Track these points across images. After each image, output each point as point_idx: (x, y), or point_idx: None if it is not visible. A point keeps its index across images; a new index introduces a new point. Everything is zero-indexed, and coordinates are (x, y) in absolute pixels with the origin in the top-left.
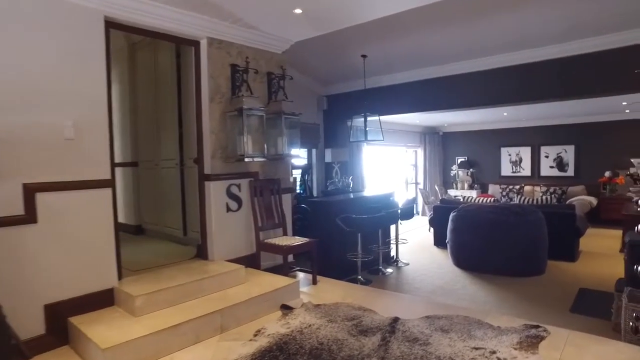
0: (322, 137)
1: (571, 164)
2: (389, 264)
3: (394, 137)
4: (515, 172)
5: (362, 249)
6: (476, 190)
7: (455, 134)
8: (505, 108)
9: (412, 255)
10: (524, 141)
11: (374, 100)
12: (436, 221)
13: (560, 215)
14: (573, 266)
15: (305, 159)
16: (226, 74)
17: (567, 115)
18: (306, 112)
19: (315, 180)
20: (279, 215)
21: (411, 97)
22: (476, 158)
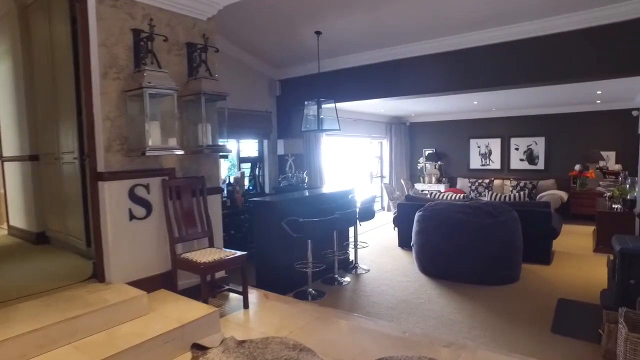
0: (275, 127)
1: (541, 156)
2: (347, 271)
3: (357, 128)
4: (484, 165)
5: (315, 256)
6: (444, 184)
7: (423, 124)
8: (476, 96)
9: (374, 258)
10: (494, 132)
11: (329, 85)
12: (401, 220)
13: (535, 215)
14: (548, 270)
15: (256, 151)
16: (126, 42)
17: (538, 105)
18: (257, 98)
19: (268, 175)
20: (204, 222)
21: (371, 81)
22: (445, 150)
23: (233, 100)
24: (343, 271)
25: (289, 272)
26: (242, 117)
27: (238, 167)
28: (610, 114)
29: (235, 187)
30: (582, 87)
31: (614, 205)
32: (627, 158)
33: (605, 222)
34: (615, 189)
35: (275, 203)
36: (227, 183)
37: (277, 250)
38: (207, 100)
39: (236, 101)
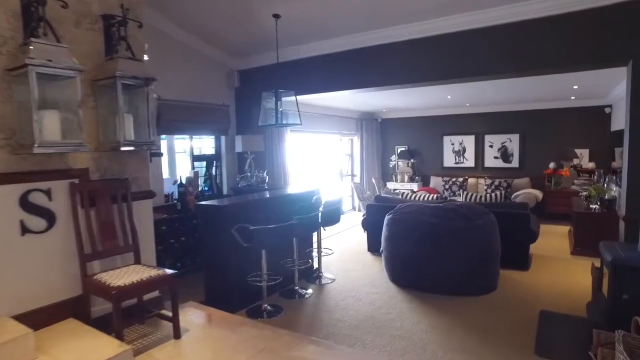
0: (234, 122)
1: (516, 154)
2: (311, 281)
3: (326, 123)
4: (458, 162)
5: (272, 266)
6: (417, 183)
7: (395, 120)
8: (449, 90)
9: (341, 265)
10: (468, 129)
11: (292, 76)
12: (370, 223)
13: (513, 217)
14: (527, 277)
15: (213, 149)
16: (11, 5)
17: (513, 101)
18: (213, 90)
19: (226, 175)
20: (127, 234)
21: (337, 72)
22: (417, 147)
23: (185, 92)
24: (306, 281)
25: (242, 286)
26: (196, 111)
27: (192, 166)
28: (584, 111)
29: (187, 189)
30: (558, 81)
31: (592, 206)
32: (600, 156)
33: (583, 224)
34: (591, 189)
35: (225, 208)
36: (178, 184)
37: (228, 261)
38: (131, 87)
39: (189, 93)
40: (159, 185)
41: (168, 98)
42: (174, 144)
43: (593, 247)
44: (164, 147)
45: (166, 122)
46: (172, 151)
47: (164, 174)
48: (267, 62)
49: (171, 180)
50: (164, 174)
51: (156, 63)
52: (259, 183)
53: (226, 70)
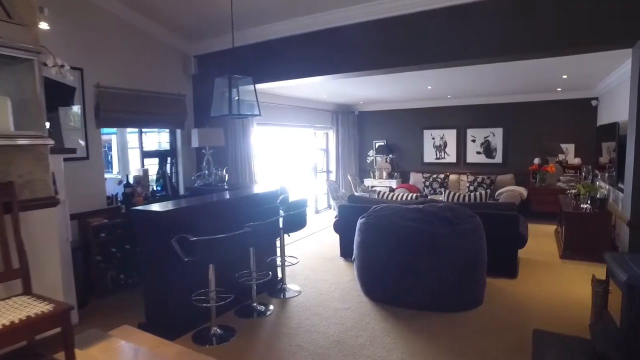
0: (192, 113)
1: (499, 149)
2: (273, 294)
3: (298, 116)
4: (439, 158)
5: (225, 280)
6: (396, 180)
7: (373, 113)
8: (430, 80)
9: (309, 274)
10: (449, 123)
11: (253, 61)
12: (342, 226)
13: (500, 219)
14: (515, 286)
15: (168, 143)
16: None
17: (496, 93)
18: (167, 78)
19: (182, 173)
20: (8, 255)
21: (304, 56)
22: (396, 142)
23: (132, 79)
24: (268, 294)
25: (188, 305)
26: (146, 101)
27: (141, 163)
28: (570, 104)
29: (135, 189)
30: (548, 70)
31: (582, 205)
32: (586, 151)
33: (573, 225)
34: (580, 186)
35: (163, 214)
36: (124, 183)
37: (170, 277)
38: (12, 61)
39: (137, 81)
40: (98, 186)
41: (109, 85)
42: (127, 138)
43: (584, 250)
44: (114, 142)
45: (106, 112)
46: (124, 147)
47: (114, 172)
48: (227, 46)
49: (115, 180)
50: (114, 172)
51: (93, 44)
52: (217, 182)
53: (181, 55)
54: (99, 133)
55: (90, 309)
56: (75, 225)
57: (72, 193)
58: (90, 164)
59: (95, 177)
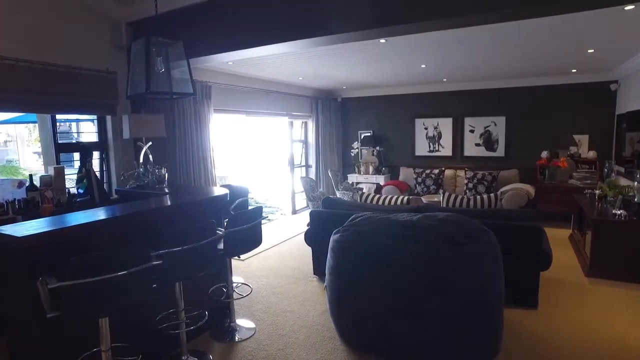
0: (126, 96)
1: (501, 141)
2: (219, 334)
3: (271, 103)
4: (433, 150)
5: (133, 329)
6: (384, 175)
7: (358, 100)
8: (424, 57)
9: (271, 301)
10: (444, 110)
11: (202, 25)
12: (315, 237)
13: (515, 232)
14: (537, 320)
15: (96, 134)
16: None
17: (498, 75)
18: (89, 50)
19: (115, 172)
20: None
21: (272, 13)
22: (384, 132)
23: (40, 48)
24: (211, 335)
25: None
26: (61, 79)
27: (56, 159)
28: (584, 89)
29: (42, 193)
30: (572, 42)
31: (615, 211)
32: (603, 143)
33: (603, 235)
34: (604, 186)
35: (21, 241)
36: (27, 186)
37: (36, 329)
38: None
39: (47, 52)
40: None
41: None
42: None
43: (618, 268)
44: (12, 131)
45: None
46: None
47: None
48: (172, 7)
49: (12, 182)
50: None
51: None
52: (155, 183)
53: (109, 22)
54: None
55: None
56: None
57: None
58: None
59: None
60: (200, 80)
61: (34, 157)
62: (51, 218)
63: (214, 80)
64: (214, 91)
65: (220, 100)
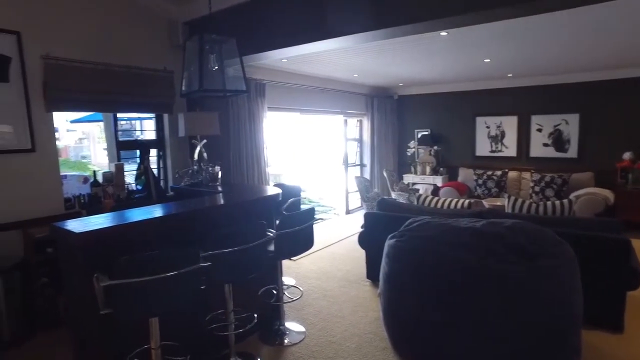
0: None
1: (574, 140)
2: (268, 337)
3: (326, 101)
4: (495, 151)
5: (184, 328)
6: (442, 176)
7: (415, 97)
8: (489, 51)
9: (322, 305)
10: (509, 108)
11: (254, 24)
12: (370, 240)
13: (598, 245)
14: (622, 345)
15: (154, 132)
16: None
17: (572, 68)
18: (148, 50)
19: (171, 169)
20: None
21: (304, 12)
22: (443, 131)
23: (100, 50)
24: (259, 338)
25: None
26: (120, 79)
27: (117, 156)
28: None
29: (105, 189)
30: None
31: None
32: None
33: None
34: None
35: (79, 236)
36: (91, 182)
37: (95, 325)
38: None
39: (107, 53)
40: (52, 186)
41: (63, 56)
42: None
43: None
44: (86, 129)
45: (58, 92)
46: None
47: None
48: (227, 5)
49: (79, 178)
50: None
51: (33, 4)
52: (209, 181)
53: (167, 21)
54: (50, 118)
55: (29, 348)
56: (17, 236)
57: (12, 195)
58: (38, 158)
59: (45, 175)
60: (254, 78)
61: (104, 154)
62: (109, 214)
63: (268, 78)
64: (268, 89)
65: (275, 98)
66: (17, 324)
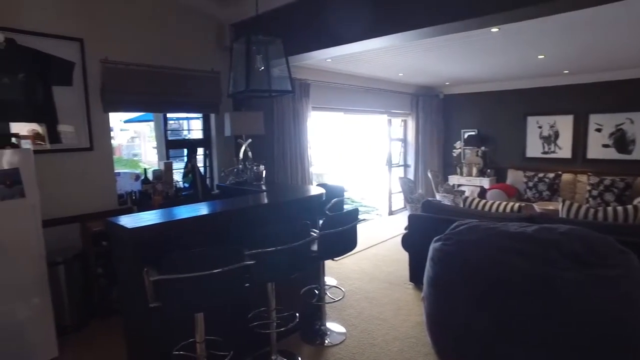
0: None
1: (639, 141)
2: (308, 337)
3: (369, 100)
4: (547, 152)
5: (227, 322)
6: (489, 178)
7: (462, 96)
8: (543, 44)
9: (363, 307)
10: (564, 107)
11: (309, 24)
12: (413, 242)
13: None
14: None
15: (201, 131)
16: None
17: (638, 64)
18: (197, 52)
19: (217, 167)
20: None
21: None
22: (491, 132)
23: (151, 53)
24: (301, 338)
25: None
26: (170, 81)
27: (166, 155)
28: None
29: (154, 186)
30: None
31: None
32: None
33: None
34: None
35: (131, 232)
36: (142, 179)
37: (150, 318)
38: None
39: (158, 55)
40: (106, 183)
41: (119, 60)
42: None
43: None
44: (137, 128)
45: (114, 94)
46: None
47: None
48: (272, 6)
49: (131, 175)
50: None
51: (97, 9)
52: (253, 180)
53: (214, 24)
54: (107, 118)
55: (87, 334)
56: (76, 229)
57: (72, 191)
58: (95, 156)
59: (102, 172)
60: (299, 78)
61: (153, 152)
62: (158, 211)
63: (313, 78)
64: (313, 89)
65: (319, 97)
66: (76, 311)
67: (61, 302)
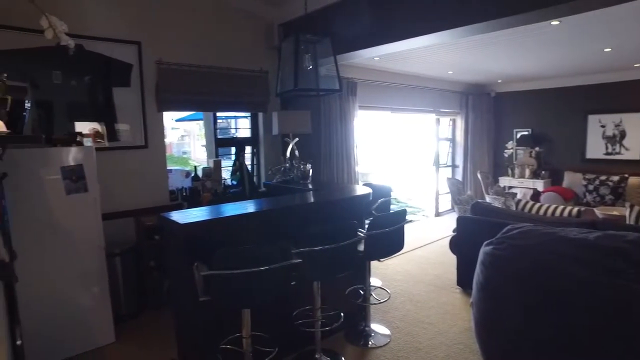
0: (276, 93)
1: None
2: (352, 337)
3: (417, 99)
4: (611, 153)
5: (271, 321)
6: (543, 180)
7: (515, 94)
8: (612, 35)
9: (409, 309)
10: (632, 104)
11: (354, 22)
12: (462, 245)
13: None
14: None
15: (249, 130)
16: None
17: None
18: (246, 52)
19: (264, 166)
20: None
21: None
22: (546, 131)
23: (202, 54)
24: (345, 338)
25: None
26: (220, 80)
27: (215, 153)
28: None
29: (203, 183)
30: None
31: None
32: None
33: None
34: None
35: (181, 227)
36: (192, 176)
37: (197, 314)
38: None
39: (209, 56)
40: (159, 179)
41: (173, 61)
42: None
43: None
44: (187, 127)
45: (168, 94)
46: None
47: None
48: (322, 5)
49: (182, 172)
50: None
51: (152, 13)
52: (299, 179)
53: (263, 24)
54: (161, 117)
55: (140, 323)
56: (130, 223)
57: (128, 187)
58: (149, 154)
59: (155, 169)
60: (346, 77)
61: (202, 150)
62: (207, 208)
63: (360, 77)
64: (360, 87)
65: (365, 96)
66: (131, 301)
67: (118, 292)
